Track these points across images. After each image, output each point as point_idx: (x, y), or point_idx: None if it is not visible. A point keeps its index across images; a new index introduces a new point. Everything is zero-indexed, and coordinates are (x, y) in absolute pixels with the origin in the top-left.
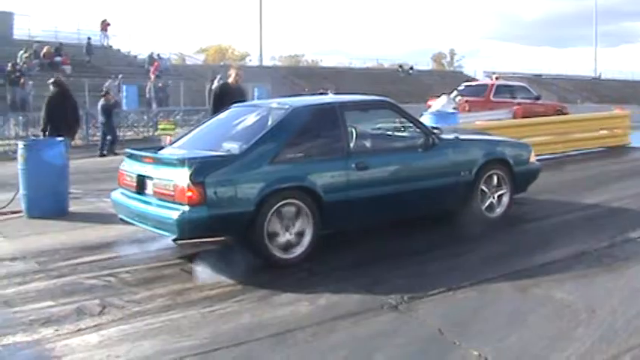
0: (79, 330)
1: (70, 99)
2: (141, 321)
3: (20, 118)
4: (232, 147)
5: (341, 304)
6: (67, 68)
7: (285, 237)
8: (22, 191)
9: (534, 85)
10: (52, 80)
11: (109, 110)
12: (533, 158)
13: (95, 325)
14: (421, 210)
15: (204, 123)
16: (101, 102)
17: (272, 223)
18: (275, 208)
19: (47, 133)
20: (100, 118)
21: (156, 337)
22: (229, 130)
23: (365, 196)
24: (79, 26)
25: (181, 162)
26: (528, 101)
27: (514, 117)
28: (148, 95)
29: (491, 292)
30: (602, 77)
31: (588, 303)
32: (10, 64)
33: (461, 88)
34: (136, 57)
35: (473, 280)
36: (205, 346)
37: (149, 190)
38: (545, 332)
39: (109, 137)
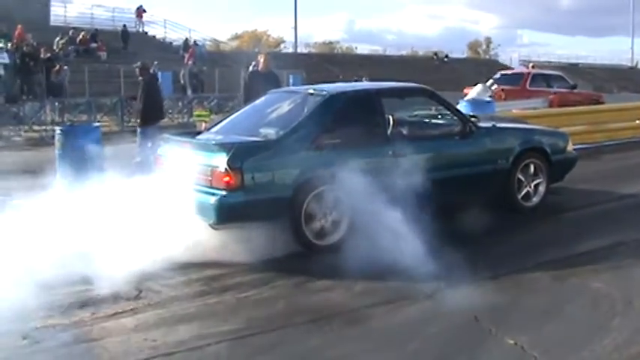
0: (115, 313)
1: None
2: (177, 305)
3: (56, 104)
4: (269, 133)
5: (376, 291)
6: (103, 54)
7: (322, 223)
8: (59, 176)
9: (570, 75)
10: (140, 65)
11: None
12: (570, 147)
13: (131, 309)
14: (458, 198)
15: (240, 109)
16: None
17: (309, 209)
18: (312, 194)
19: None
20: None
21: (192, 322)
22: (266, 116)
23: (402, 184)
24: (114, 13)
25: (219, 147)
26: (564, 90)
27: (550, 106)
28: (182, 81)
29: (527, 281)
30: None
31: (625, 293)
32: (42, 50)
33: (497, 76)
34: (171, 43)
35: (509, 269)
36: (241, 331)
37: None
38: (581, 322)
39: None
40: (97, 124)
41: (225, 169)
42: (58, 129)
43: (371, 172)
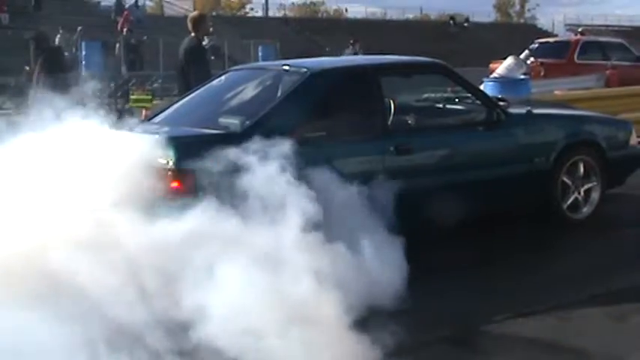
0: None
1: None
2: None
3: None
4: (231, 123)
5: (375, 338)
6: (4, 17)
7: None
8: None
9: (635, 42)
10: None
11: None
12: (633, 140)
13: None
14: (482, 209)
15: (192, 93)
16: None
17: None
18: None
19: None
20: None
21: None
22: (227, 102)
23: (408, 190)
24: None
25: (164, 141)
26: (626, 63)
27: (607, 85)
28: (116, 54)
29: (575, 318)
30: None
31: None
32: None
33: (534, 46)
34: (99, 3)
35: (551, 302)
36: None
37: None
38: None
39: None
40: None
41: (172, 170)
42: None
43: (364, 175)
